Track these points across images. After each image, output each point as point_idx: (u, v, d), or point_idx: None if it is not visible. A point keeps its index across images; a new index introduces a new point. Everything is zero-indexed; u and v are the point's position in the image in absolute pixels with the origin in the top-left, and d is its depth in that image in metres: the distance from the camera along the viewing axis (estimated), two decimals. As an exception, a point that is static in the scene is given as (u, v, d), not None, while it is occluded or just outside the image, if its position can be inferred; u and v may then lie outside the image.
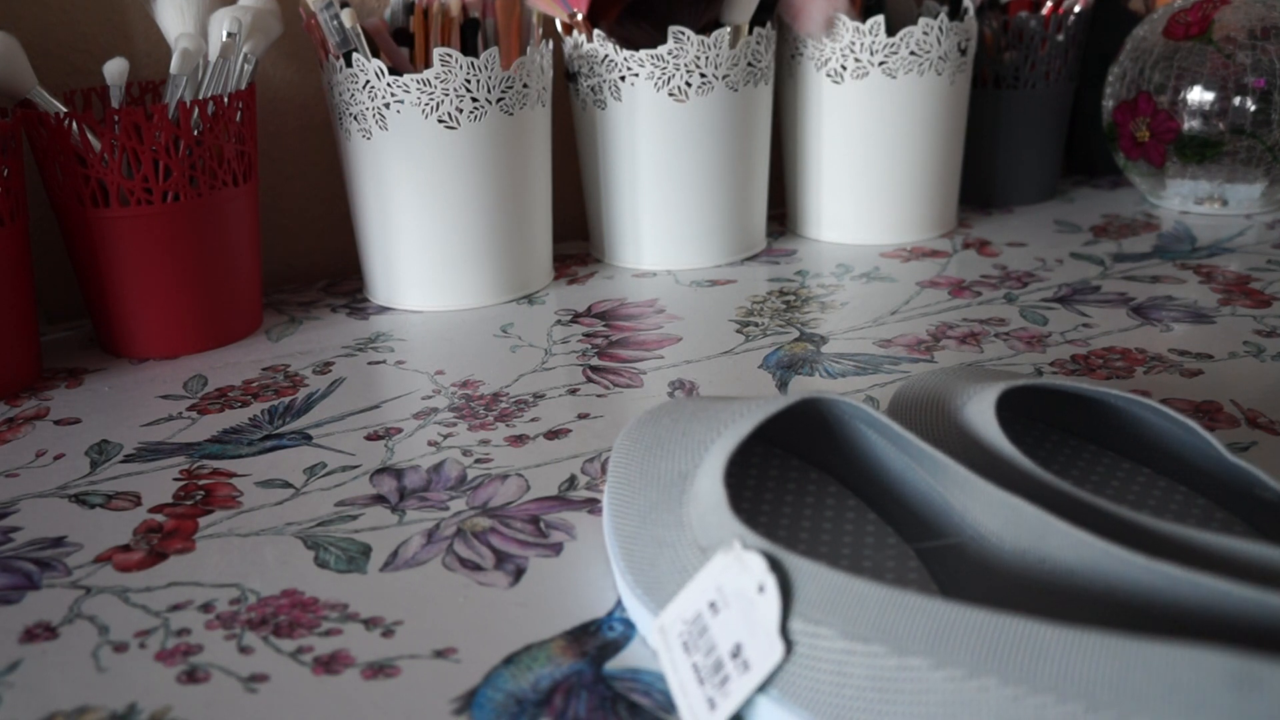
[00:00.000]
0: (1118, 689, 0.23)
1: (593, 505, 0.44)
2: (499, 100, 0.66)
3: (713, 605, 0.31)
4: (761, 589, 0.29)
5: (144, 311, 0.62)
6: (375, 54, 0.67)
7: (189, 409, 0.56)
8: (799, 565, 0.29)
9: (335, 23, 0.64)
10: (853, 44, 0.75)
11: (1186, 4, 0.84)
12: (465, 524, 0.43)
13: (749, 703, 0.29)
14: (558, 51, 0.80)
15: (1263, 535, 0.35)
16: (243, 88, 0.63)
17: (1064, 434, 0.43)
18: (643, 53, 0.71)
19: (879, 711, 0.26)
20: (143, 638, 0.37)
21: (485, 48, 0.69)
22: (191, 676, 0.35)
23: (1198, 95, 0.80)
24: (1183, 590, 0.26)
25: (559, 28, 0.76)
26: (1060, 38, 0.85)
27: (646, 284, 0.74)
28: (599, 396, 0.55)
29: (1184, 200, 0.86)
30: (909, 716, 0.26)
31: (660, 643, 0.32)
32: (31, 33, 0.68)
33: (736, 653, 0.29)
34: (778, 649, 0.28)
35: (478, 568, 0.40)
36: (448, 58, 0.64)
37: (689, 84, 0.71)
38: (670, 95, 0.72)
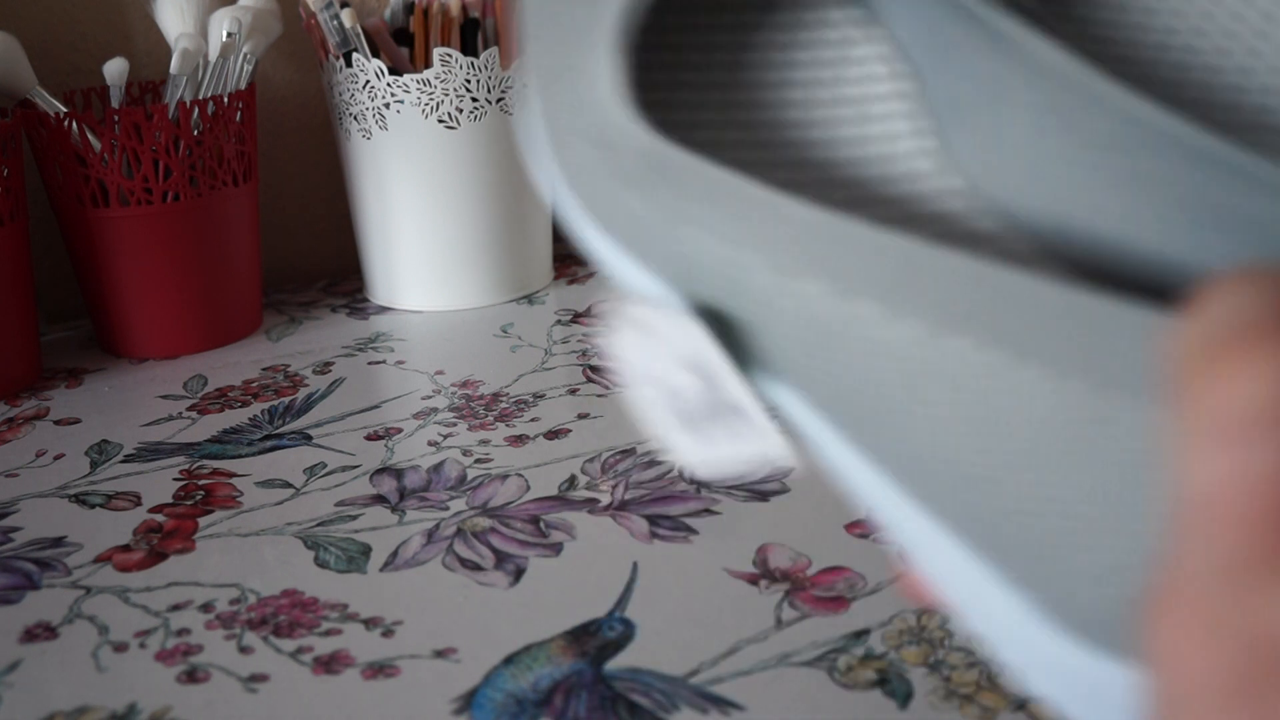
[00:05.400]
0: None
1: (593, 505, 0.44)
2: (499, 100, 0.65)
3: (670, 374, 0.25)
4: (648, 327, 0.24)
5: (144, 311, 0.62)
6: (375, 54, 0.67)
7: (189, 409, 0.56)
8: (720, 179, 0.22)
9: (335, 23, 0.64)
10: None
11: (1186, 4, 0.84)
12: (465, 524, 0.43)
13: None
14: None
15: None
16: (243, 88, 0.63)
17: None
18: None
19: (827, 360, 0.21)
20: (143, 638, 0.37)
21: (485, 48, 0.69)
22: (191, 676, 0.35)
23: (1198, 95, 0.80)
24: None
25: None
26: (1060, 38, 0.85)
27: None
28: (599, 396, 0.55)
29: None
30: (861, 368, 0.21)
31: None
32: (31, 33, 0.68)
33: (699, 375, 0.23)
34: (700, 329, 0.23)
35: (478, 568, 0.40)
36: (448, 58, 0.64)
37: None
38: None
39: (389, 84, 0.64)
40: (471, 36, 0.68)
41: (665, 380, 0.25)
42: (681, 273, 0.24)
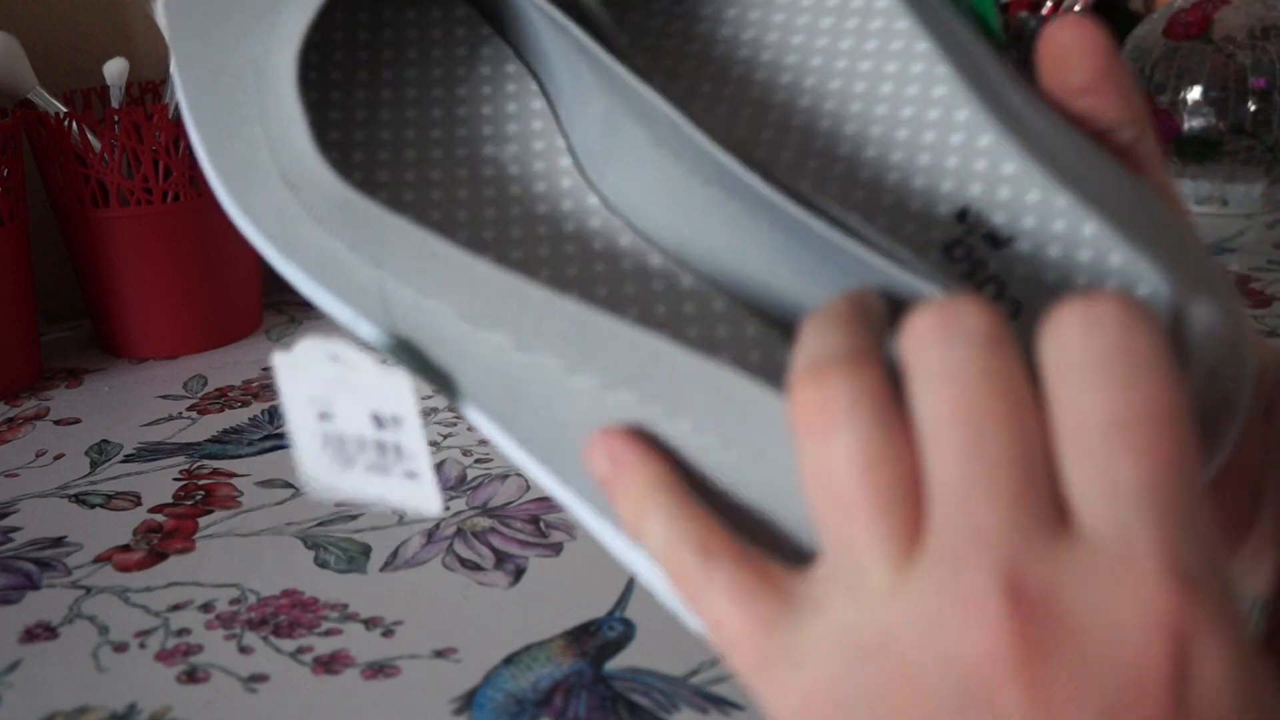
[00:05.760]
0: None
1: (593, 505, 0.44)
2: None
3: (323, 415, 0.27)
4: (335, 358, 0.26)
5: (144, 311, 0.62)
6: (375, 54, 0.67)
7: (189, 409, 0.56)
8: (406, 232, 0.25)
9: (335, 23, 0.64)
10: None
11: (1186, 4, 0.84)
12: (465, 524, 0.43)
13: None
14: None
15: None
16: (243, 88, 0.63)
17: None
18: None
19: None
20: (143, 638, 0.37)
21: (485, 48, 0.69)
22: (191, 676, 0.35)
23: (1198, 95, 0.81)
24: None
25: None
26: (1060, 38, 0.85)
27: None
28: (599, 396, 0.55)
29: (1184, 200, 0.86)
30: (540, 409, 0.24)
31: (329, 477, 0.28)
32: (31, 32, 0.68)
33: (379, 421, 0.26)
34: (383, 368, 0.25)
35: (478, 568, 0.40)
36: (447, 57, 0.64)
37: None
38: None
39: (389, 84, 0.64)
40: (471, 36, 0.68)
41: (325, 410, 0.27)
42: (379, 310, 0.26)
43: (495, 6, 0.31)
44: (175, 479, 0.48)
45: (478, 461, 0.48)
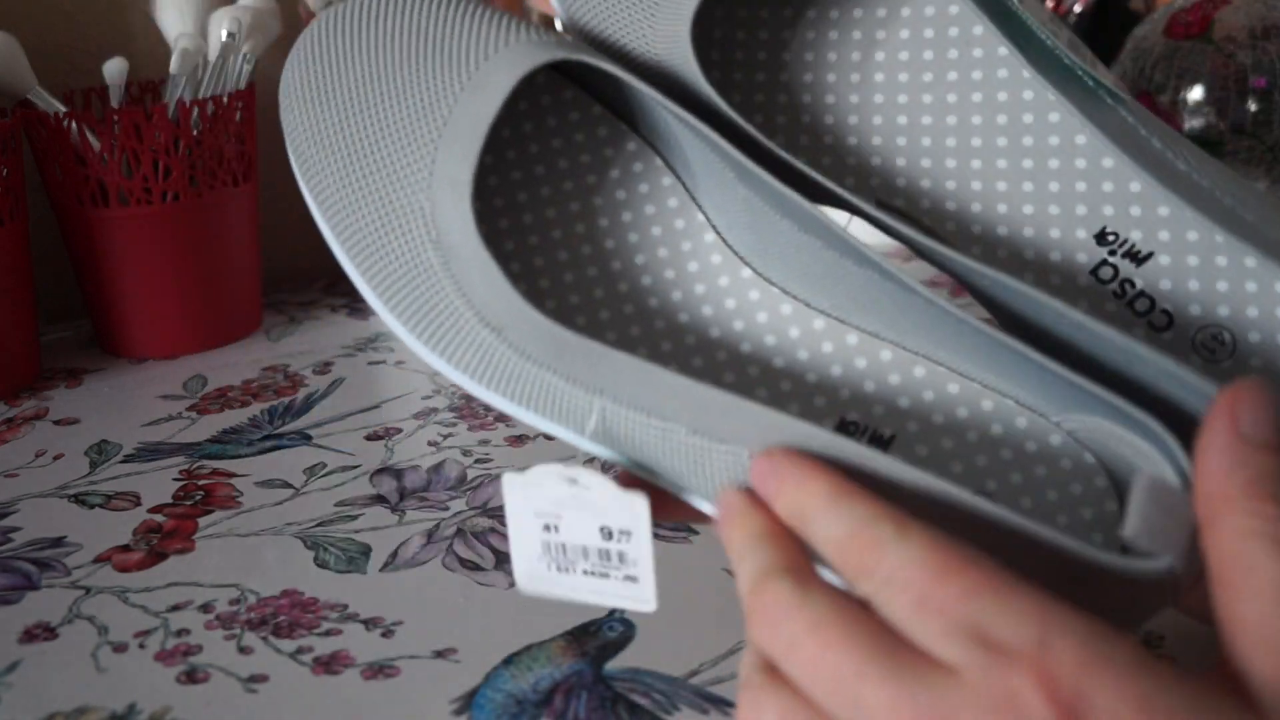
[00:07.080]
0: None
1: (593, 505, 0.44)
2: (499, 100, 0.65)
3: (549, 527, 0.29)
4: (573, 481, 0.28)
5: (144, 311, 0.62)
6: (375, 54, 0.67)
7: (189, 409, 0.56)
8: (623, 363, 0.27)
9: (335, 23, 0.64)
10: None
11: (1186, 4, 0.84)
12: (465, 524, 0.43)
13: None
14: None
15: None
16: (242, 87, 0.63)
17: None
18: None
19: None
20: (142, 638, 0.37)
21: (485, 48, 0.69)
22: (191, 676, 0.35)
23: (1198, 95, 0.81)
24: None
25: (559, 27, 0.75)
26: (1060, 38, 0.85)
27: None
28: (599, 396, 0.55)
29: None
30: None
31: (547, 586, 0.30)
32: (31, 32, 0.68)
33: (608, 533, 0.28)
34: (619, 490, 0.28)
35: (478, 568, 0.40)
36: (448, 58, 0.64)
37: None
38: None
39: (389, 84, 0.64)
40: (471, 36, 0.68)
41: (551, 522, 0.28)
42: (599, 431, 0.28)
43: (610, 92, 0.32)
44: (175, 479, 0.48)
45: (478, 461, 0.48)
